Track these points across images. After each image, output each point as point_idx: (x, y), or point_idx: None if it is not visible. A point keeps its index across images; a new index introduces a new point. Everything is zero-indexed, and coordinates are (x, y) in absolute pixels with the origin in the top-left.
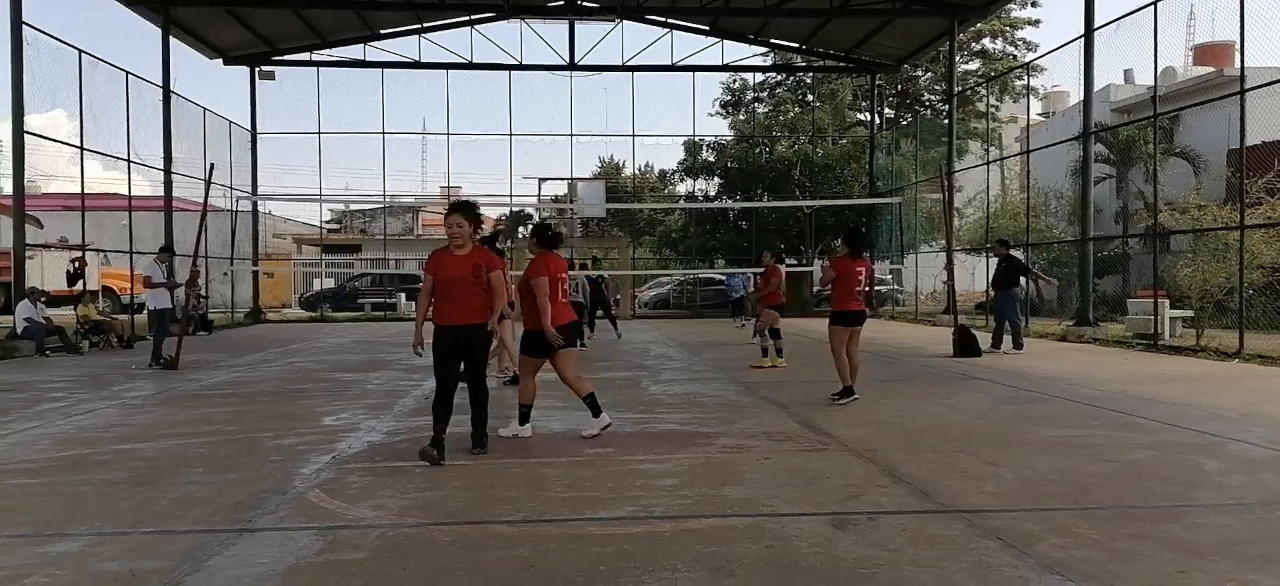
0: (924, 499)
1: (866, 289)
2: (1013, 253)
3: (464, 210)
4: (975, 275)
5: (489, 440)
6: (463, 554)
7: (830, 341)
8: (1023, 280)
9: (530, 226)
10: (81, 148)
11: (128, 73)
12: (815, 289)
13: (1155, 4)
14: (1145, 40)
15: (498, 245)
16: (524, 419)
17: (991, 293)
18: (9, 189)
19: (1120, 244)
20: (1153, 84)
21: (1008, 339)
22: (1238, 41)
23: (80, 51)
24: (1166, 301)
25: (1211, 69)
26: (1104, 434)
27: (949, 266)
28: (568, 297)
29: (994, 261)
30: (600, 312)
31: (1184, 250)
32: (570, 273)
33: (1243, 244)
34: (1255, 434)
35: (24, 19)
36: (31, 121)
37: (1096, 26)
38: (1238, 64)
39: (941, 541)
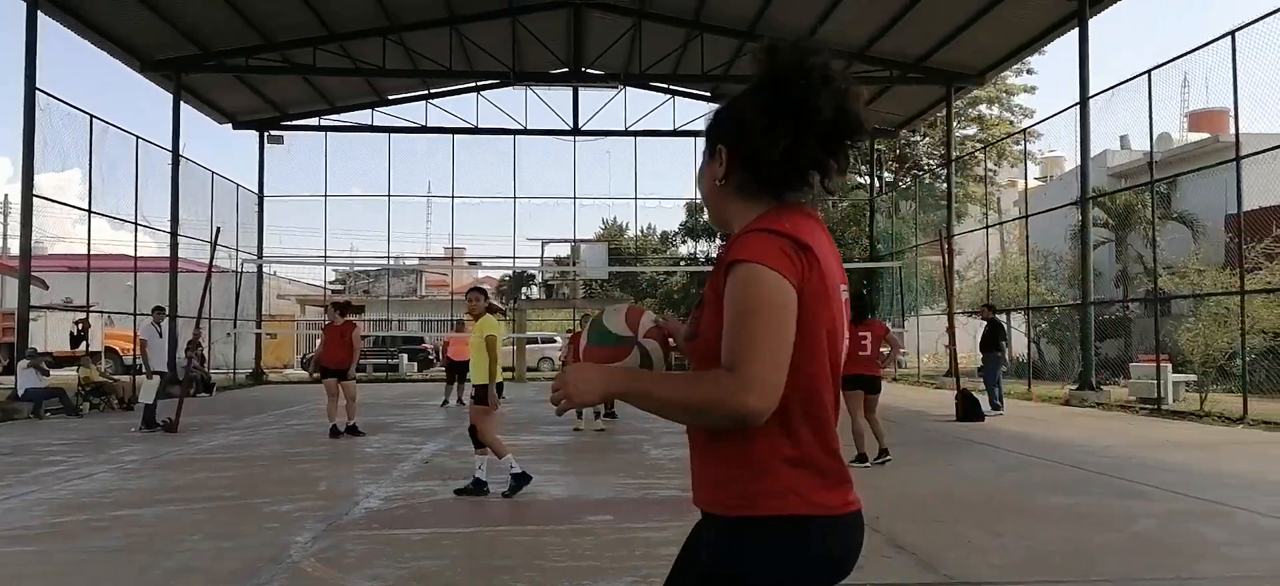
0: (928, 570)
1: (877, 352)
2: (998, 316)
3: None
4: (976, 338)
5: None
6: None
7: (846, 407)
8: (1003, 345)
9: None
10: (89, 210)
11: (138, 137)
12: None
13: (1149, 73)
14: (1140, 106)
15: (498, 305)
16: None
17: (981, 355)
18: (17, 249)
19: (1121, 308)
20: (1149, 150)
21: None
22: (1232, 108)
23: (92, 117)
24: (1169, 365)
25: (1206, 135)
26: (1109, 502)
27: (950, 329)
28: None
29: (982, 325)
30: None
31: (1185, 314)
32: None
33: (1243, 308)
34: (1263, 502)
35: (38, 85)
36: (46, 181)
37: (1091, 94)
38: (1232, 130)
39: None
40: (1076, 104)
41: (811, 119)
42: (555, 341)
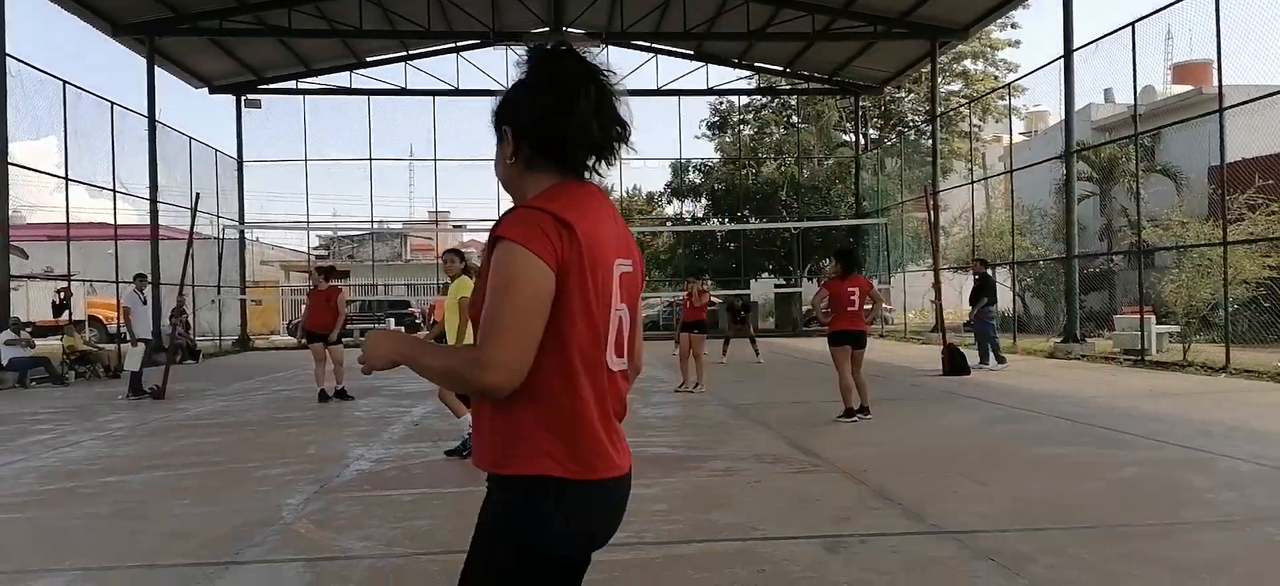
0: (916, 520)
1: (862, 307)
2: (989, 272)
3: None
4: (963, 293)
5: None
6: (452, 583)
7: (834, 362)
8: (992, 299)
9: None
10: (66, 178)
11: (112, 102)
12: (805, 310)
13: (1133, 25)
14: (1124, 60)
15: (475, 267)
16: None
17: (969, 309)
18: None
19: (1105, 261)
20: (1133, 103)
21: (992, 356)
22: (1215, 60)
23: (65, 82)
24: (1152, 317)
25: (1190, 87)
26: (1093, 452)
27: (936, 285)
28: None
29: (971, 280)
30: None
31: (1168, 266)
32: None
33: (1226, 259)
34: (1244, 450)
35: (7, 51)
36: (22, 149)
37: (1075, 47)
38: (1215, 82)
39: (934, 564)
40: (1060, 57)
41: (578, 106)
42: None
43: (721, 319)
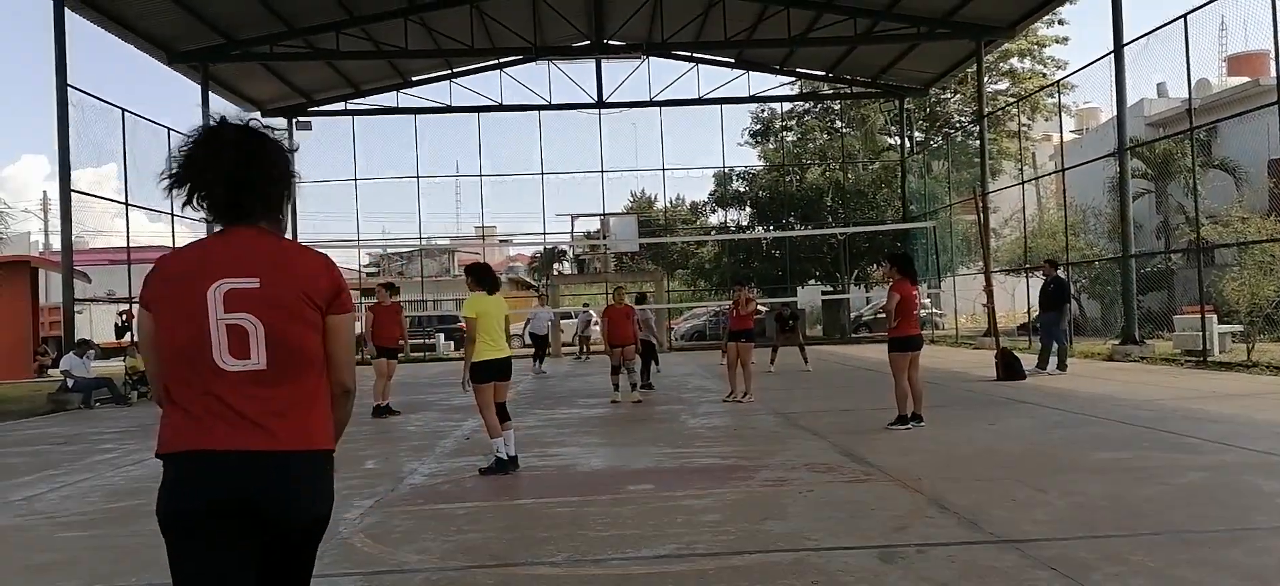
0: (973, 529)
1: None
2: (1060, 273)
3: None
4: (1015, 297)
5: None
6: None
7: (892, 368)
8: (1068, 301)
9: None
10: (126, 203)
11: (169, 129)
12: (854, 315)
13: (1185, 17)
14: (1177, 53)
15: (531, 281)
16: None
17: (1039, 311)
18: (58, 245)
19: (1163, 259)
20: (1187, 97)
21: (1053, 360)
22: (1272, 50)
23: (123, 111)
24: (1214, 316)
25: (1246, 79)
26: (1156, 456)
27: (988, 288)
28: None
29: (1036, 280)
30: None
31: (1229, 263)
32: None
33: None
34: None
35: (69, 82)
36: (84, 176)
37: (1126, 42)
38: (1273, 73)
39: (993, 573)
40: (1110, 53)
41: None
42: (570, 316)
43: (769, 327)
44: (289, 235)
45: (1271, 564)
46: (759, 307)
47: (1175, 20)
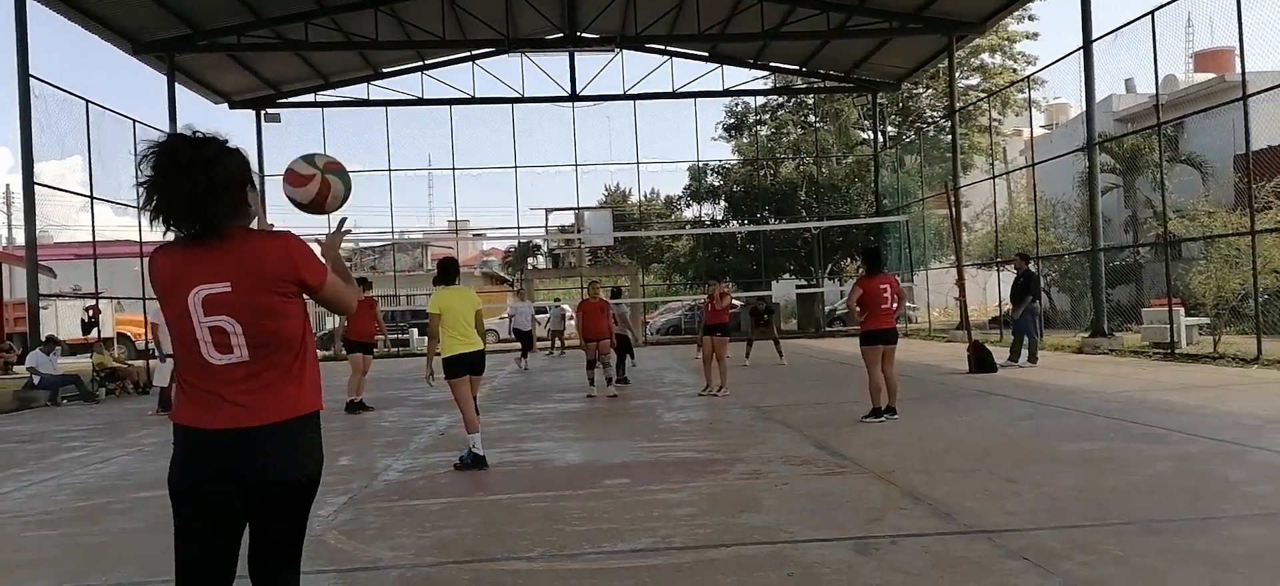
0: (946, 520)
1: (894, 306)
2: (1031, 268)
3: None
4: (986, 290)
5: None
6: None
7: (864, 361)
8: (1036, 296)
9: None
10: (91, 196)
11: (134, 121)
12: (829, 311)
13: (1152, 14)
14: (1144, 49)
15: (505, 276)
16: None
17: (1010, 306)
18: (22, 239)
19: (1131, 253)
20: (1154, 92)
21: (1024, 352)
22: (1237, 47)
23: (87, 102)
24: (1181, 309)
25: (1213, 75)
26: (1124, 446)
27: (960, 282)
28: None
29: (1009, 275)
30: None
31: (1196, 257)
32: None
33: (1255, 249)
34: (1279, 440)
35: (31, 72)
36: (48, 169)
37: (1095, 38)
38: (1238, 70)
39: (965, 563)
40: (1080, 48)
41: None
42: (544, 311)
43: (743, 321)
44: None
45: (1237, 551)
46: (733, 302)
47: (1143, 16)
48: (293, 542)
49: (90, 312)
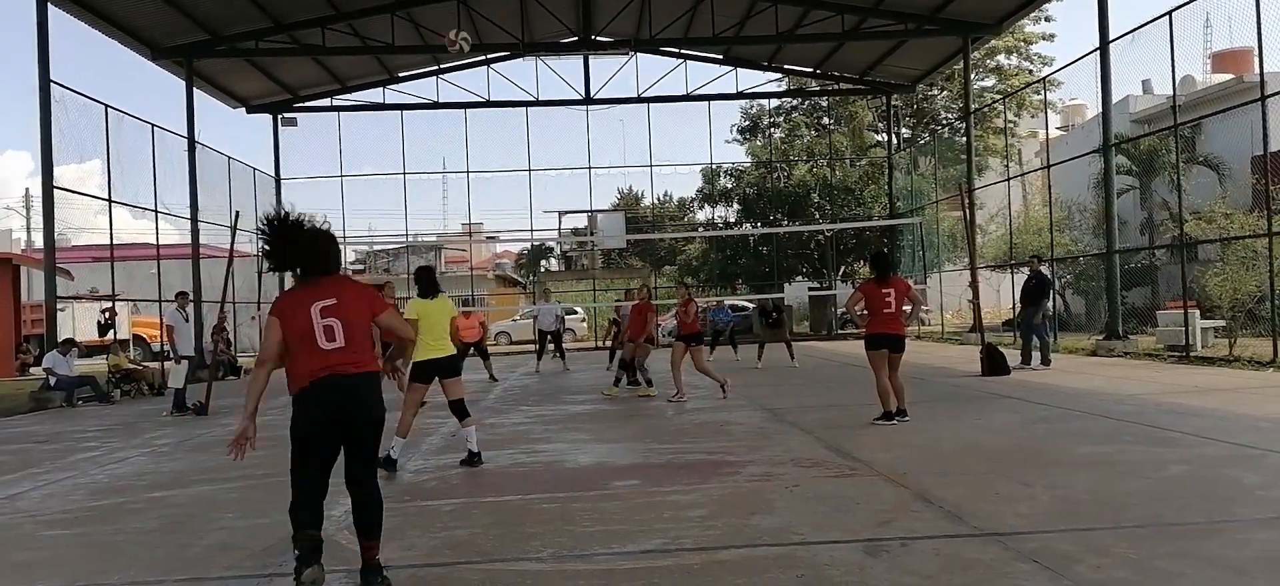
0: (957, 522)
1: (900, 310)
2: (1043, 269)
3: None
4: (1000, 293)
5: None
6: None
7: (870, 365)
8: (1048, 298)
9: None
10: (109, 199)
11: (153, 125)
12: (840, 313)
13: (1170, 14)
14: (1161, 50)
15: (518, 278)
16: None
17: (1020, 308)
18: (41, 242)
19: (1147, 255)
20: (1172, 93)
21: (1036, 355)
22: (1256, 47)
23: (107, 106)
24: (1197, 312)
25: (1231, 76)
26: (1138, 450)
27: (974, 285)
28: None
29: (1021, 277)
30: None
31: (1212, 259)
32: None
33: (1272, 251)
34: None
35: (52, 77)
36: (67, 173)
37: (1111, 39)
38: (1257, 70)
39: (976, 565)
40: (1096, 49)
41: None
42: (575, 312)
43: (755, 324)
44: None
45: (1250, 554)
46: (746, 304)
47: (1160, 17)
48: (375, 458)
49: (107, 315)
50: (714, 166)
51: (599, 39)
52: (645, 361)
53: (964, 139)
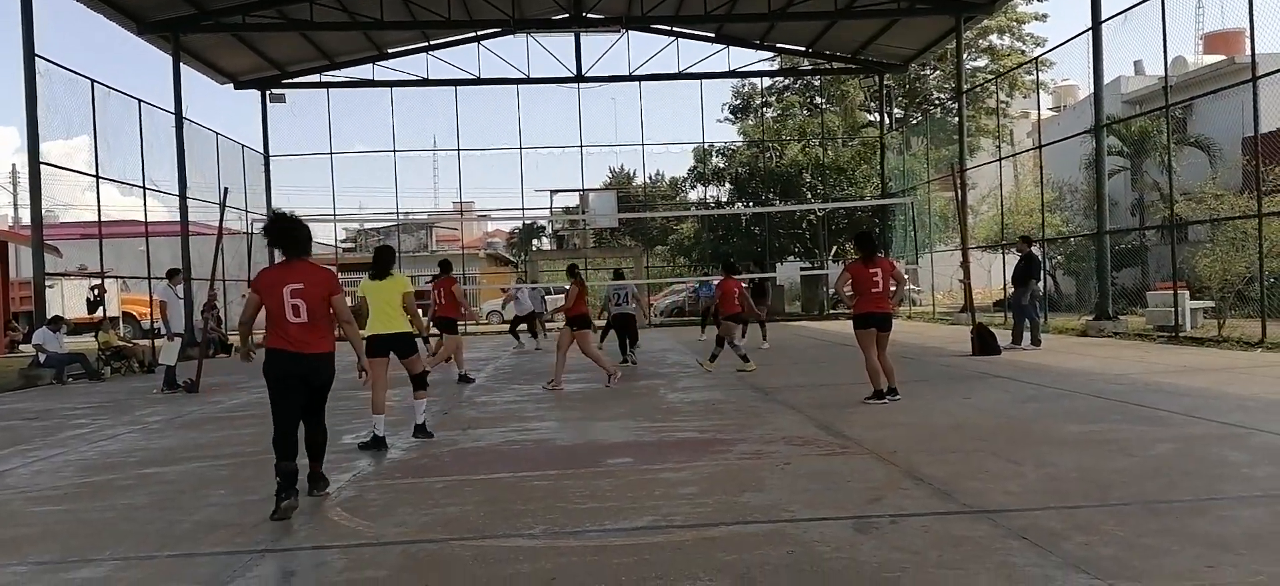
0: (947, 500)
1: (887, 289)
2: (1033, 249)
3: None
4: (991, 273)
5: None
6: (485, 568)
7: (859, 344)
8: (1038, 278)
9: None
10: (97, 176)
11: (140, 101)
12: (831, 293)
13: None
14: (1154, 30)
15: (510, 258)
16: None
17: (1011, 288)
18: (28, 219)
19: (1138, 236)
20: (1163, 74)
21: (1026, 335)
22: (1248, 28)
23: (93, 81)
24: (1186, 292)
25: (1222, 57)
26: (1126, 429)
27: (965, 265)
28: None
29: (1012, 257)
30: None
31: (1202, 240)
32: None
33: (1261, 232)
34: None
35: (36, 51)
36: (54, 148)
37: (1104, 19)
38: (1248, 51)
39: (965, 542)
40: (1088, 30)
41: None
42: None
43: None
44: (263, 210)
45: (1236, 532)
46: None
47: None
48: (322, 411)
49: (96, 292)
50: (706, 146)
51: (590, 16)
52: (737, 339)
53: (956, 119)
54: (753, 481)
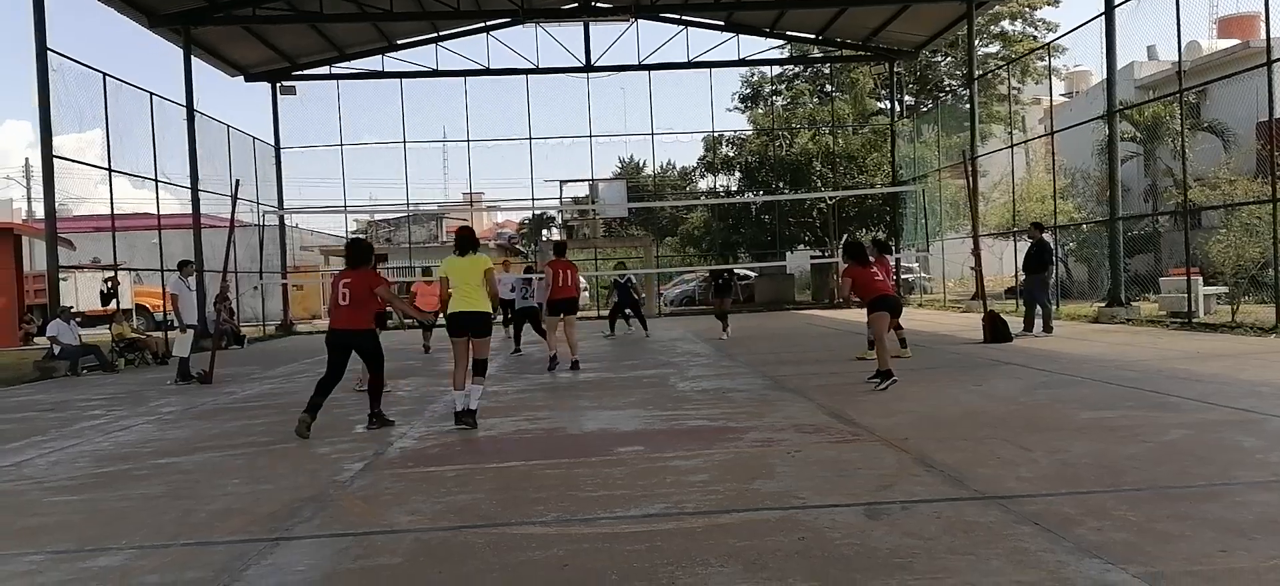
0: (958, 486)
1: (888, 277)
2: (1045, 236)
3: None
4: (1003, 260)
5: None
6: (497, 556)
7: (875, 329)
8: (1050, 265)
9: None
10: (109, 169)
11: (151, 94)
12: (843, 297)
13: None
14: (1167, 15)
15: (519, 248)
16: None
17: (1022, 275)
18: (41, 212)
19: (1150, 222)
20: (1177, 59)
21: (1038, 322)
22: (1263, 12)
23: (104, 75)
24: (1200, 278)
25: (1236, 41)
26: (1139, 415)
27: (976, 252)
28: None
29: (1024, 245)
30: (628, 312)
31: (1216, 226)
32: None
33: (1275, 217)
34: None
35: (49, 46)
36: (67, 142)
37: (1117, 4)
38: (1263, 35)
39: (977, 528)
40: (1101, 14)
41: None
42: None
43: (704, 292)
44: (274, 202)
45: (1249, 517)
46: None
47: None
48: (371, 366)
49: (109, 284)
50: (716, 135)
51: (599, 5)
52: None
53: (967, 106)
54: (763, 468)
